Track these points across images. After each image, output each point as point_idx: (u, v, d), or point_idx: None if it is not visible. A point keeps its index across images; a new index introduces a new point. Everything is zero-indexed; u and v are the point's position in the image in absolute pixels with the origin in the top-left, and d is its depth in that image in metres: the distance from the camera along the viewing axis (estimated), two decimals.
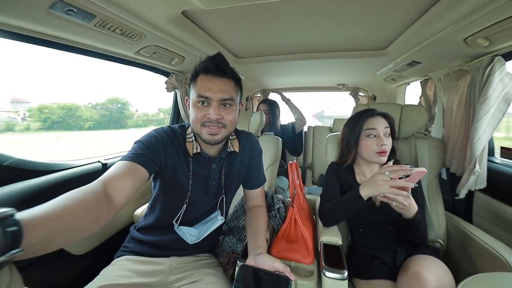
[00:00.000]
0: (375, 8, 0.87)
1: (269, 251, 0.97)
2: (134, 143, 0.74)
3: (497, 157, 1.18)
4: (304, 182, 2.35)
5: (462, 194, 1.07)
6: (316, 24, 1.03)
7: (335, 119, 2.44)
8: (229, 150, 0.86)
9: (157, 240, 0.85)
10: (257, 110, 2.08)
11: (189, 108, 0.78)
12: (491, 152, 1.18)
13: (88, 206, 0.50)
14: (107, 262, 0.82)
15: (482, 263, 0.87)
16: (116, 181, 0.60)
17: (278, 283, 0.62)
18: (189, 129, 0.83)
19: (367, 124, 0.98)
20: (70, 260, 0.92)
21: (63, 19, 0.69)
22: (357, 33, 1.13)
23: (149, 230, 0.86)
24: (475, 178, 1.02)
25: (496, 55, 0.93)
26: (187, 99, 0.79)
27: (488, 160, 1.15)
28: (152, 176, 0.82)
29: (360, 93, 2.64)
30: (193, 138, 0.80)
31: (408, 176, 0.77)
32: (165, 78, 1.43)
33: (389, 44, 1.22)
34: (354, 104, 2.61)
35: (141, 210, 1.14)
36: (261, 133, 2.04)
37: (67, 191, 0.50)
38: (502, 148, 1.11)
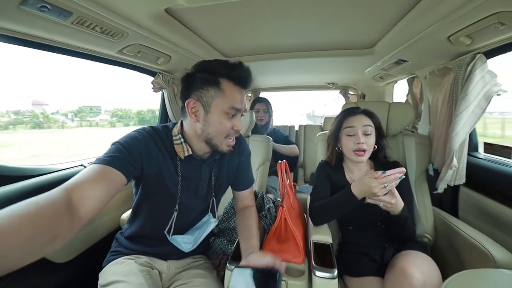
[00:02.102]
0: (362, 7, 0.88)
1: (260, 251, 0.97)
2: (112, 145, 0.67)
3: (481, 153, 1.21)
4: (295, 181, 2.36)
5: (441, 188, 1.10)
6: (304, 23, 1.03)
7: (325, 118, 2.46)
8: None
9: (150, 250, 0.82)
10: (252, 109, 2.07)
11: (193, 114, 0.70)
12: (475, 148, 1.21)
13: (42, 224, 0.41)
14: (92, 270, 0.80)
15: (468, 257, 0.89)
16: (84, 188, 0.52)
17: (269, 277, 0.62)
18: (175, 130, 0.77)
19: (346, 122, 0.99)
20: (52, 268, 0.88)
21: (36, 16, 0.65)
22: (344, 32, 1.14)
23: (139, 240, 0.82)
24: (453, 173, 1.04)
25: (478, 53, 0.95)
26: (192, 102, 0.69)
27: (472, 156, 1.18)
28: (133, 182, 0.77)
29: (350, 92, 2.66)
30: (182, 140, 0.74)
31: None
32: (151, 78, 1.39)
33: (376, 42, 1.23)
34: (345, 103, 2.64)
35: (127, 214, 1.10)
36: (264, 132, 2.04)
37: None
38: (485, 143, 1.14)
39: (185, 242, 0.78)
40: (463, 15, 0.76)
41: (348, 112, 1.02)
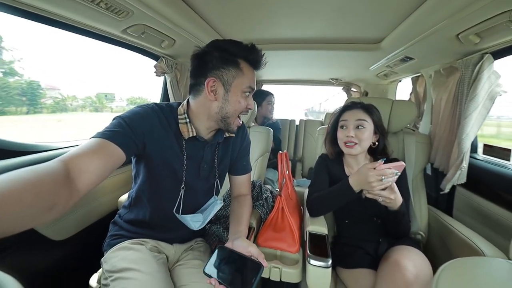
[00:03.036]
0: (370, 1, 0.86)
1: (255, 240, 0.98)
2: (113, 119, 0.65)
3: (480, 154, 1.22)
4: (293, 175, 2.37)
5: (447, 189, 1.10)
6: (311, 15, 1.01)
7: (326, 113, 2.45)
8: (225, 136, 0.83)
9: (157, 234, 0.82)
10: (261, 100, 2.11)
11: (212, 92, 0.70)
12: (474, 149, 1.22)
13: (42, 191, 0.41)
14: (90, 249, 0.80)
15: (459, 254, 0.91)
16: (82, 161, 0.51)
17: (250, 267, 0.62)
18: (180, 109, 0.75)
19: (342, 116, 1.02)
20: (49, 245, 0.88)
21: None
22: (351, 26, 1.12)
23: (144, 224, 0.80)
24: (460, 174, 1.05)
25: (486, 53, 0.95)
26: (212, 80, 0.68)
27: (471, 157, 1.19)
28: (134, 161, 0.76)
29: (352, 89, 2.65)
30: (187, 120, 0.73)
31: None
32: (154, 62, 1.37)
33: (383, 38, 1.22)
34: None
35: (125, 197, 1.11)
36: (263, 124, 2.07)
37: None
38: (485, 145, 1.15)
39: (194, 220, 0.78)
40: (473, 12, 0.75)
41: (345, 107, 1.05)
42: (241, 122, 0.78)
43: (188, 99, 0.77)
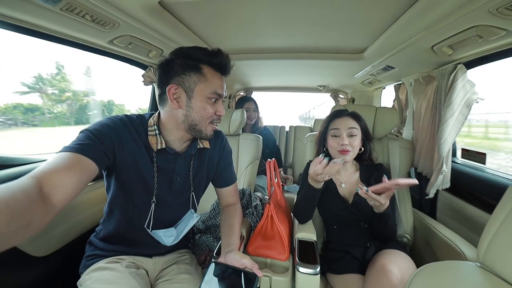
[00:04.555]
0: (353, 13, 0.91)
1: (245, 248, 0.98)
2: (80, 133, 0.62)
3: (459, 158, 1.28)
4: (284, 181, 2.38)
5: (432, 193, 1.14)
6: (296, 25, 1.05)
7: (315, 120, 2.51)
8: (199, 147, 0.81)
9: (133, 249, 0.79)
10: (240, 108, 2.07)
11: (174, 100, 0.68)
12: (453, 153, 1.27)
13: (16, 208, 0.39)
14: (73, 264, 0.77)
15: (442, 255, 0.94)
16: (55, 177, 0.49)
17: (245, 279, 0.63)
18: (151, 121, 0.74)
19: (332, 124, 1.03)
20: (30, 262, 0.85)
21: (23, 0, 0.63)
22: (335, 36, 1.17)
23: (118, 240, 0.78)
24: (443, 178, 1.09)
25: (459, 63, 1.01)
26: (173, 87, 0.68)
27: (452, 161, 1.24)
28: (105, 174, 0.74)
29: (340, 95, 2.73)
30: (157, 131, 0.72)
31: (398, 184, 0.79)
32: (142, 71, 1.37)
33: (365, 48, 1.28)
34: None
35: None
36: (254, 131, 2.05)
37: None
38: (463, 149, 1.21)
39: (167, 235, 0.77)
40: (445, 26, 0.80)
41: (335, 115, 1.06)
42: (216, 126, 0.76)
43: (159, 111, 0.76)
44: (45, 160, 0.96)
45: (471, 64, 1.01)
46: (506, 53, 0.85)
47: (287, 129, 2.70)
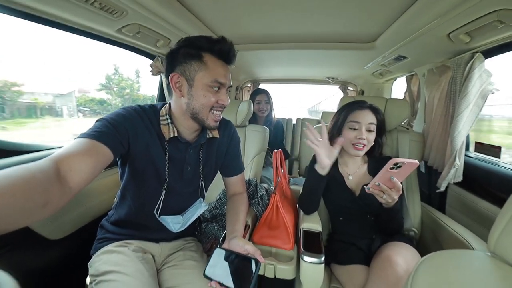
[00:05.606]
0: (364, 1, 0.87)
1: (251, 238, 0.99)
2: (97, 121, 0.65)
3: (472, 152, 1.24)
4: (290, 173, 2.39)
5: (443, 187, 1.11)
6: (306, 13, 1.02)
7: (323, 112, 2.47)
8: (208, 136, 0.83)
9: (141, 234, 0.82)
10: (252, 100, 2.07)
11: (177, 88, 0.70)
12: (466, 147, 1.23)
13: (35, 187, 0.41)
14: (86, 248, 0.80)
15: (450, 249, 0.93)
16: (72, 161, 0.51)
17: (248, 265, 0.64)
18: (163, 110, 0.76)
19: (352, 115, 0.99)
20: (45, 245, 0.89)
21: None
22: (346, 25, 1.13)
23: (128, 224, 0.81)
24: (455, 171, 1.06)
25: (477, 52, 0.96)
26: (176, 76, 0.69)
27: (464, 155, 1.21)
28: (119, 162, 0.76)
29: (349, 88, 2.67)
30: (169, 120, 0.74)
31: (400, 167, 0.75)
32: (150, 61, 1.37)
33: (377, 37, 1.23)
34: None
35: None
36: (264, 124, 2.05)
37: None
38: (476, 143, 1.17)
39: (174, 222, 0.79)
40: (463, 11, 0.76)
41: (354, 105, 1.01)
42: (219, 116, 0.75)
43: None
44: (60, 147, 1.00)
45: (489, 52, 0.96)
46: None
47: (294, 121, 2.68)
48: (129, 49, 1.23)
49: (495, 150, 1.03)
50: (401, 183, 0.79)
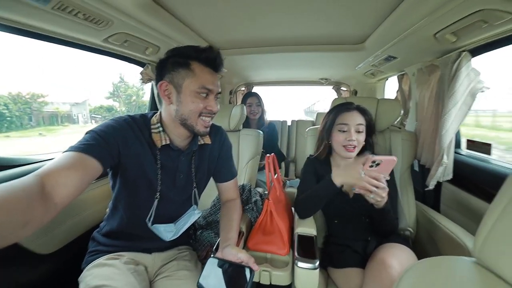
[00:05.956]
0: (351, 2, 0.88)
1: (245, 244, 0.98)
2: (86, 133, 0.65)
3: (463, 149, 1.24)
4: (287, 175, 2.38)
5: (432, 185, 1.12)
6: (295, 16, 1.02)
7: (318, 113, 2.47)
8: (200, 143, 0.83)
9: (133, 245, 0.80)
10: (243, 103, 2.07)
11: (166, 96, 0.71)
12: (457, 145, 1.24)
13: (14, 207, 0.40)
14: (78, 261, 0.78)
15: (445, 248, 0.93)
16: (58, 175, 0.51)
17: (242, 273, 0.64)
18: (154, 119, 0.77)
19: (340, 118, 1.00)
20: (35, 260, 0.87)
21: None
22: (335, 27, 1.14)
23: (120, 235, 0.80)
24: (443, 169, 1.07)
25: (464, 51, 0.97)
26: (164, 84, 0.71)
27: (455, 152, 1.21)
28: (110, 173, 0.76)
29: (342, 88, 2.68)
30: (161, 129, 0.75)
31: (378, 164, 0.78)
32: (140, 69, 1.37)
33: (366, 38, 1.24)
34: None
35: None
36: (257, 127, 2.05)
37: None
38: (468, 140, 1.17)
39: (167, 230, 0.78)
40: (448, 12, 0.76)
41: (342, 108, 1.03)
42: (208, 122, 0.76)
43: None
44: (48, 160, 0.99)
45: (476, 51, 0.96)
46: None
47: (289, 123, 2.68)
48: (119, 58, 1.22)
49: (485, 147, 1.04)
50: (394, 183, 0.79)
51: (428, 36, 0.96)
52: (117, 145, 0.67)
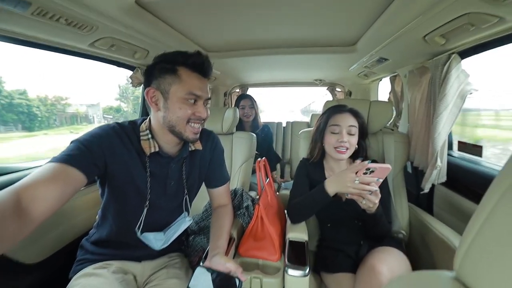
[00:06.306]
0: (342, 4, 0.87)
1: (237, 250, 0.97)
2: (70, 143, 0.64)
3: (455, 151, 1.24)
4: (282, 177, 2.37)
5: (427, 188, 1.11)
6: (286, 19, 1.01)
7: (312, 115, 2.47)
8: (190, 149, 0.82)
9: (122, 253, 0.79)
10: (237, 106, 2.06)
11: (153, 102, 0.70)
12: (449, 146, 1.24)
13: None
14: (67, 270, 0.77)
15: (437, 252, 0.92)
16: (37, 189, 0.50)
17: (231, 282, 0.63)
18: (143, 126, 0.75)
19: (332, 119, 1.00)
20: (21, 269, 0.85)
21: None
22: (327, 29, 1.13)
23: (109, 243, 0.79)
24: (437, 172, 1.07)
25: (453, 53, 0.97)
26: (151, 90, 0.69)
27: (448, 154, 1.21)
28: (98, 181, 0.75)
29: (337, 89, 2.68)
30: (150, 136, 0.73)
31: (372, 171, 0.77)
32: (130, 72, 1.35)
33: (357, 40, 1.23)
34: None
35: None
36: (252, 130, 2.04)
37: None
38: (459, 142, 1.17)
39: (157, 239, 0.77)
40: (436, 14, 0.76)
41: (334, 110, 1.03)
42: (198, 129, 0.74)
43: None
44: (34, 168, 0.96)
45: (465, 53, 0.96)
46: (500, 40, 0.81)
47: (284, 125, 2.67)
48: (107, 62, 1.21)
49: (476, 149, 1.04)
50: (387, 185, 0.79)
51: (418, 38, 0.96)
52: (103, 154, 0.66)
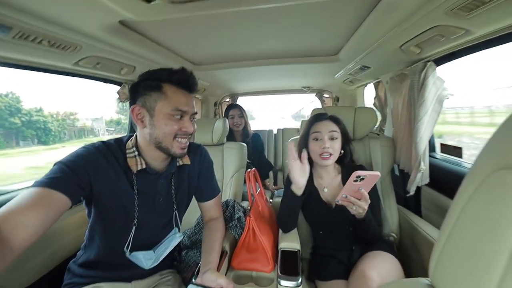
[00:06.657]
0: (323, 17, 0.90)
1: (230, 263, 0.97)
2: (54, 165, 0.63)
3: (438, 153, 1.29)
4: (275, 184, 2.38)
5: (412, 190, 1.14)
6: (272, 32, 1.04)
7: (302, 121, 2.50)
8: (178, 164, 0.82)
9: (111, 275, 0.77)
10: (226, 116, 2.07)
11: (139, 120, 0.70)
12: (432, 148, 1.28)
13: None
14: None
15: (426, 253, 0.94)
16: (18, 216, 0.49)
17: None
18: (129, 143, 0.75)
19: (314, 127, 1.03)
20: None
21: None
22: (311, 41, 1.17)
23: (97, 265, 0.77)
24: (421, 175, 1.10)
25: (429, 61, 1.02)
26: (137, 108, 0.70)
27: (430, 156, 1.25)
28: (84, 202, 0.73)
29: (325, 95, 2.74)
30: (136, 153, 0.73)
31: (363, 179, 0.78)
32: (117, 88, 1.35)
33: (339, 50, 1.28)
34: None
35: None
36: (243, 138, 2.05)
37: None
38: (441, 144, 1.22)
39: (146, 258, 0.75)
40: (410, 26, 0.80)
41: (315, 118, 1.06)
42: (185, 143, 0.74)
43: None
44: (18, 190, 0.94)
45: (440, 61, 1.02)
46: (470, 49, 0.86)
47: (275, 132, 2.70)
48: (94, 79, 1.20)
49: (457, 151, 1.08)
50: (376, 189, 0.81)
51: (395, 48, 1.00)
52: (88, 174, 0.65)
